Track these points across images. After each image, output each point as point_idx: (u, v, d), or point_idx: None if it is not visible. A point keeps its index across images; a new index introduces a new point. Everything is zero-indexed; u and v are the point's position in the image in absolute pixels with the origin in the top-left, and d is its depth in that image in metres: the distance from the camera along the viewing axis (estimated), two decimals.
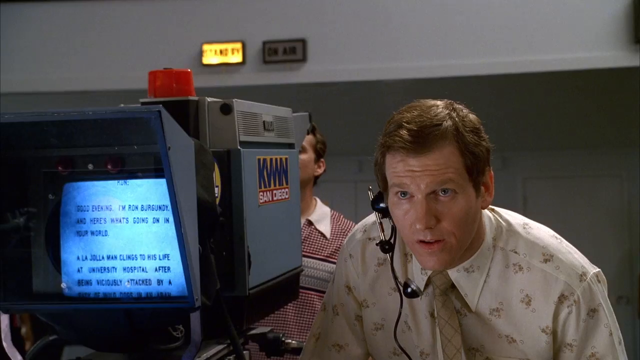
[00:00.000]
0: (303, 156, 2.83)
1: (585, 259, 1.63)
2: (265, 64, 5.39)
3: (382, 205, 1.62)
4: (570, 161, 7.07)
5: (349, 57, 5.31)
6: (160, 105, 1.18)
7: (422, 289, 1.64)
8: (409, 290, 1.61)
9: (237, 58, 5.41)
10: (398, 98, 1.62)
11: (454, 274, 1.61)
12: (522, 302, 1.59)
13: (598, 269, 1.62)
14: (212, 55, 5.43)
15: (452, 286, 1.62)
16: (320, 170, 2.96)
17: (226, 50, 5.40)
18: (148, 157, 1.37)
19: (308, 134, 2.28)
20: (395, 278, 1.62)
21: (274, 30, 5.38)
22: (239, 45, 5.41)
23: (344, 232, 2.92)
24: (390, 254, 1.63)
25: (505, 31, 5.20)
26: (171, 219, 1.30)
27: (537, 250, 1.60)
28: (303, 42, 5.34)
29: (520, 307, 1.59)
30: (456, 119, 1.52)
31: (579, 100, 6.02)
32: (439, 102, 1.56)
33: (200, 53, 5.46)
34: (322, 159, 2.96)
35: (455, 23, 5.24)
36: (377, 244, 1.65)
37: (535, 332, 1.59)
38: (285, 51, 5.34)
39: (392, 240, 1.63)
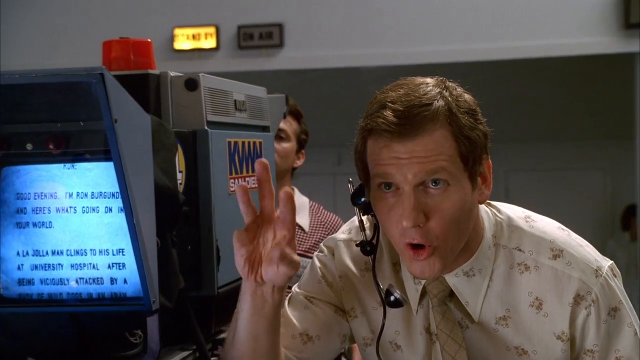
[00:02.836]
0: (285, 144, 2.74)
1: (596, 250, 1.47)
2: (241, 49, 5.32)
3: (363, 199, 1.44)
4: (554, 153, 7.07)
5: (328, 43, 5.23)
6: (103, 67, 1.00)
7: (417, 300, 1.47)
8: (392, 298, 1.42)
9: (210, 43, 5.36)
10: (380, 86, 1.47)
11: (452, 279, 1.44)
12: (531, 306, 1.43)
13: (611, 261, 1.46)
14: (184, 40, 5.38)
15: (451, 294, 1.45)
16: (299, 162, 2.87)
17: (199, 34, 5.35)
18: (97, 136, 1.23)
19: (284, 117, 2.14)
20: (377, 284, 1.44)
21: (250, 14, 5.29)
22: (212, 30, 5.35)
23: (324, 225, 2.80)
24: (372, 256, 1.45)
25: (488, 17, 5.11)
26: None
27: (544, 245, 1.44)
28: (280, 26, 5.28)
29: (530, 313, 1.43)
30: (449, 98, 1.36)
31: (564, 90, 6.01)
32: (428, 80, 1.40)
33: (172, 38, 5.37)
34: (302, 150, 2.85)
35: (438, 8, 5.15)
36: (356, 245, 1.48)
37: (549, 340, 1.43)
38: (261, 36, 5.29)
39: (374, 241, 1.45)
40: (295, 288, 1.58)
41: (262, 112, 1.80)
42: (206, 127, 1.50)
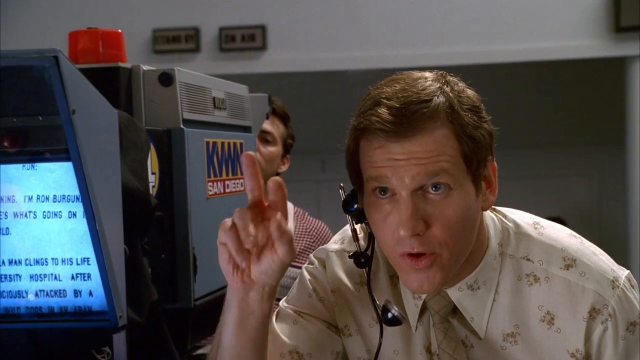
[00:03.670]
0: (271, 148, 2.65)
1: (611, 259, 1.36)
2: (222, 52, 5.31)
3: (356, 206, 1.33)
4: (540, 160, 7.06)
5: (313, 45, 5.20)
6: (58, 49, 0.89)
7: (416, 316, 1.35)
8: (389, 316, 1.31)
9: (191, 45, 5.35)
10: (365, 90, 1.38)
11: (455, 293, 1.32)
12: (542, 321, 1.32)
13: (628, 271, 1.36)
14: (163, 42, 5.36)
15: (454, 310, 1.33)
16: (284, 167, 2.78)
17: (179, 36, 5.35)
18: (59, 133, 1.11)
19: (267, 117, 2.04)
20: (373, 300, 1.33)
21: (231, 15, 5.27)
22: (193, 32, 5.34)
23: (309, 232, 2.70)
24: (367, 269, 1.34)
25: (475, 20, 5.08)
26: None
27: (555, 254, 1.33)
28: (263, 28, 5.26)
29: (541, 328, 1.32)
30: (450, 94, 1.25)
31: (552, 94, 5.98)
32: (427, 74, 1.29)
33: (151, 40, 5.36)
34: (287, 155, 2.76)
35: (425, 11, 5.13)
36: (349, 256, 1.37)
37: (562, 359, 1.31)
38: (243, 38, 5.28)
39: (368, 252, 1.34)
40: (283, 303, 1.46)
41: (244, 111, 1.73)
42: (182, 126, 1.43)
